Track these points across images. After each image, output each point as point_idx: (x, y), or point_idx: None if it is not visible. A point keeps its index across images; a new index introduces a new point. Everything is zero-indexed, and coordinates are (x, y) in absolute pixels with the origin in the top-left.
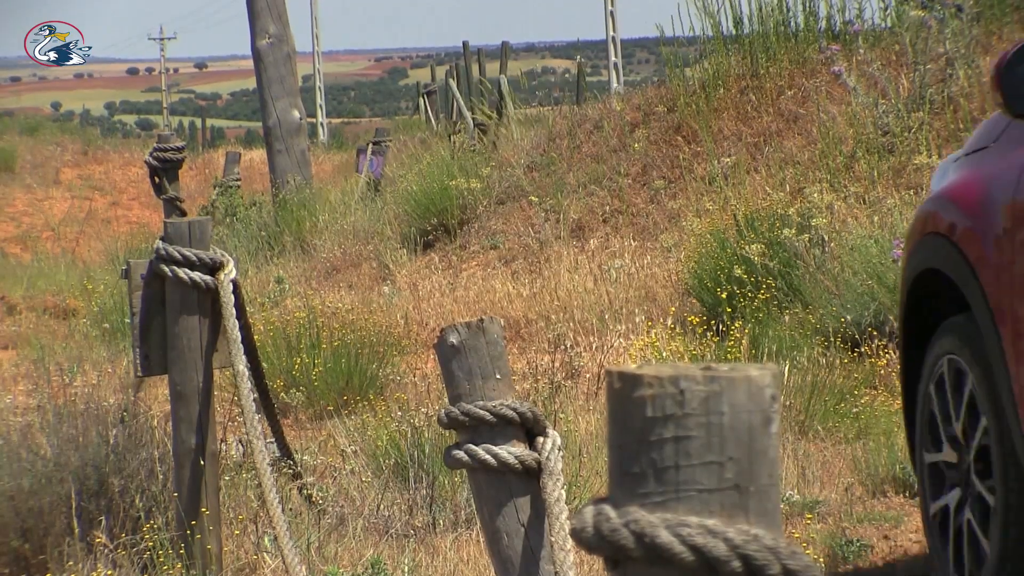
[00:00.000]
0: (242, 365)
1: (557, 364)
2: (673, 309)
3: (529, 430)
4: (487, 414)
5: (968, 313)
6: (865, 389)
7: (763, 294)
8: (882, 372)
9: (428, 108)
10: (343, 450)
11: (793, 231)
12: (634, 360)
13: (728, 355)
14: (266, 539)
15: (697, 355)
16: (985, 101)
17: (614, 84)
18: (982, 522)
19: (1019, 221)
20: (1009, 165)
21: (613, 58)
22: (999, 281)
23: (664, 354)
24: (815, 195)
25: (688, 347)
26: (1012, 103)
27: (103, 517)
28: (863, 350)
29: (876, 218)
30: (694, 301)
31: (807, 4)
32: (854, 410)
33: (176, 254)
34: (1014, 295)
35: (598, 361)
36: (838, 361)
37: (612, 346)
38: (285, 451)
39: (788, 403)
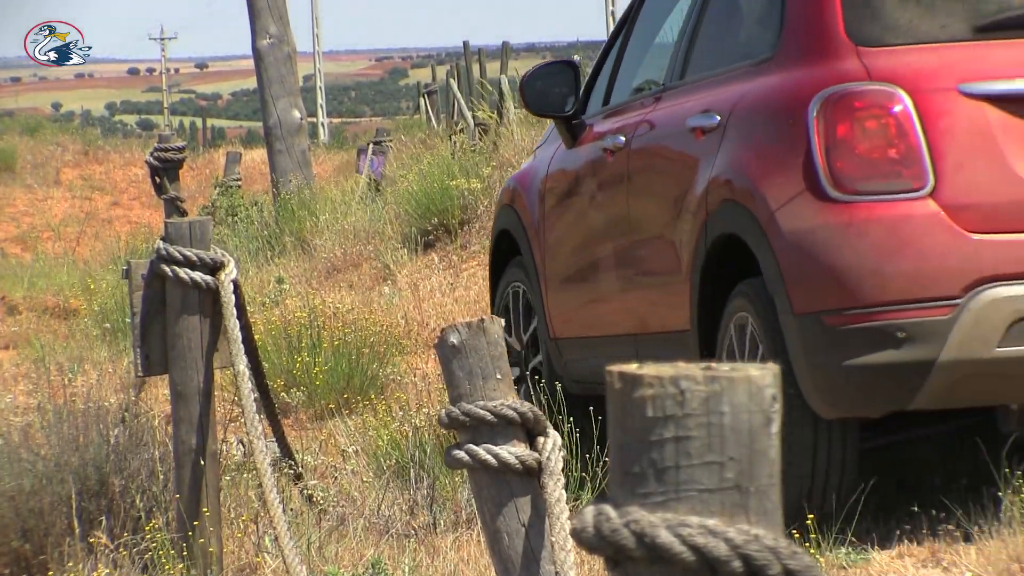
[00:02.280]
0: (243, 365)
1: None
2: None
3: (530, 430)
4: (488, 414)
5: (521, 256)
6: None
7: None
8: None
9: (429, 108)
10: (344, 450)
11: None
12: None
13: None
14: (267, 539)
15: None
16: None
17: None
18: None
19: (546, 194)
20: (546, 155)
21: None
22: (537, 235)
23: None
24: None
25: None
26: (532, 108)
27: (103, 517)
28: None
29: None
30: None
31: None
32: None
33: (177, 254)
34: (544, 244)
35: None
36: None
37: None
38: (286, 451)
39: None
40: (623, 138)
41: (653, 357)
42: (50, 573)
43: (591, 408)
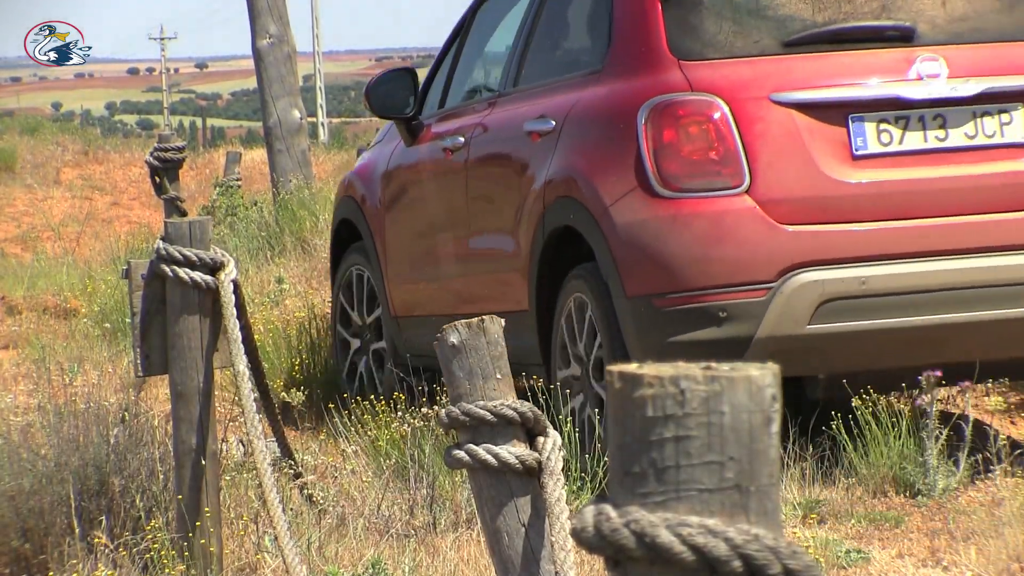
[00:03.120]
0: (242, 365)
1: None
2: None
3: (529, 430)
4: (488, 414)
5: (362, 241)
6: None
7: None
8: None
9: None
10: (343, 450)
11: None
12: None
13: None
14: (267, 539)
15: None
16: None
17: None
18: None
19: (387, 187)
20: (385, 151)
21: None
22: (378, 223)
23: None
24: None
25: None
26: (376, 111)
27: (104, 517)
28: None
29: None
30: None
31: None
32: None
33: (177, 254)
34: (385, 231)
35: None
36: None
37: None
38: (286, 451)
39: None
40: (462, 139)
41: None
42: (50, 573)
43: (423, 374)
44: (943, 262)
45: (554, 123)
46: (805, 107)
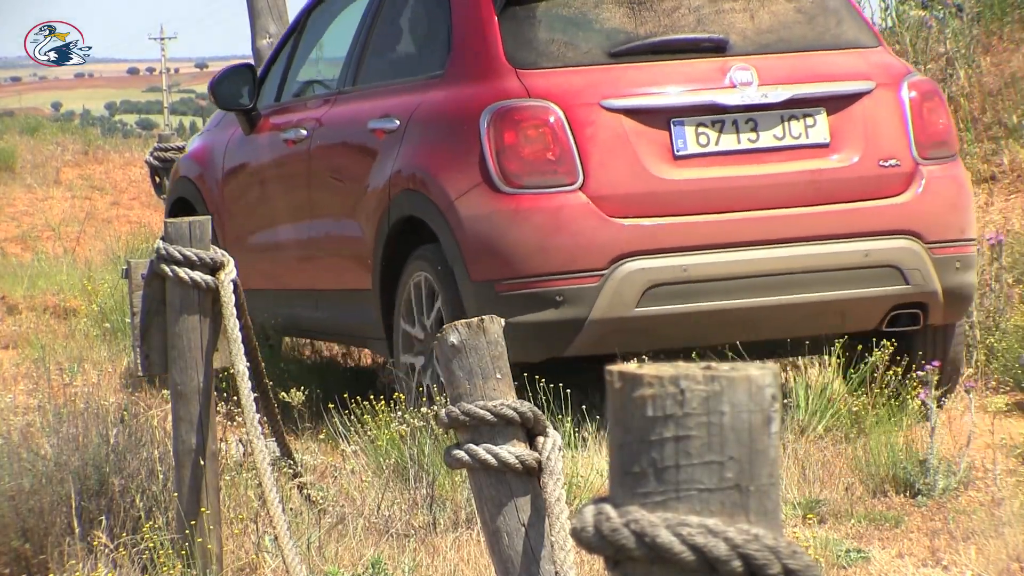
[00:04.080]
0: (242, 365)
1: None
2: None
3: (529, 430)
4: (487, 414)
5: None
6: (865, 388)
7: None
8: (882, 372)
9: None
10: (343, 450)
11: None
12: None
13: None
14: (266, 539)
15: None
16: (985, 100)
17: None
18: None
19: (225, 171)
20: (222, 137)
21: None
22: (214, 200)
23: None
24: None
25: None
26: (220, 104)
27: (103, 517)
28: (862, 349)
29: None
30: None
31: None
32: (854, 410)
33: (176, 254)
34: (224, 210)
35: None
36: (838, 361)
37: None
38: (285, 451)
39: (788, 403)
40: (304, 131)
41: (332, 309)
42: (50, 573)
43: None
44: (755, 251)
45: (398, 122)
46: (631, 112)
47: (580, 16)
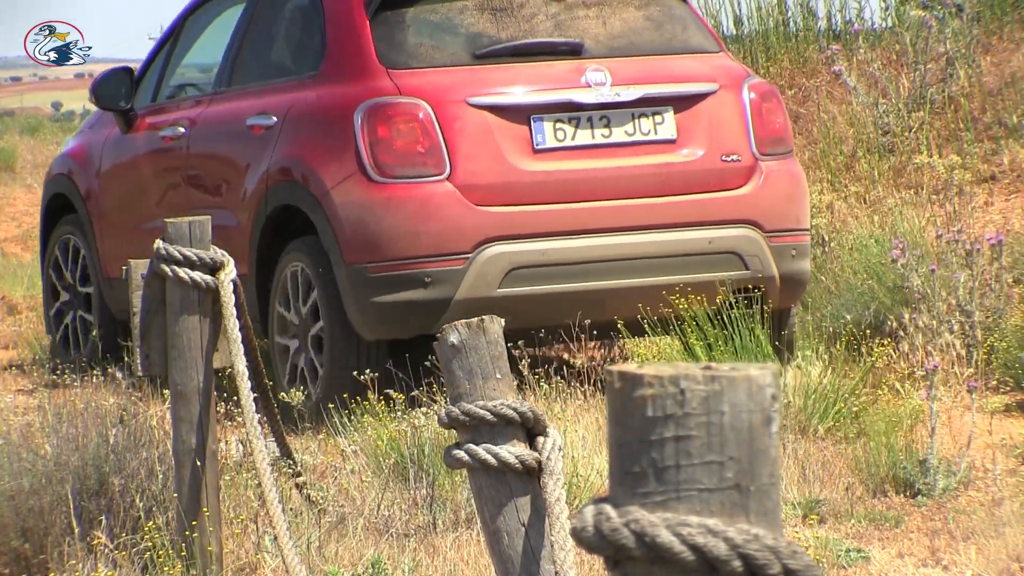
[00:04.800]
0: (242, 365)
1: (556, 364)
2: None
3: (529, 430)
4: (487, 414)
5: (76, 213)
6: (865, 389)
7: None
8: (882, 372)
9: None
10: (343, 450)
11: None
12: (640, 355)
13: (729, 355)
14: (266, 539)
15: (700, 355)
16: (985, 100)
17: None
18: None
19: (102, 167)
20: (99, 136)
21: None
22: (92, 197)
23: (665, 355)
24: (815, 195)
25: (685, 347)
26: (100, 105)
27: (103, 517)
28: (863, 350)
29: (876, 218)
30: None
31: (806, 4)
32: (854, 410)
33: (176, 254)
34: (101, 205)
35: (599, 361)
36: (838, 361)
37: (612, 346)
38: (285, 451)
39: (788, 403)
40: (182, 129)
41: None
42: (50, 573)
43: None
44: (608, 238)
45: (276, 119)
46: (495, 109)
47: (447, 21)
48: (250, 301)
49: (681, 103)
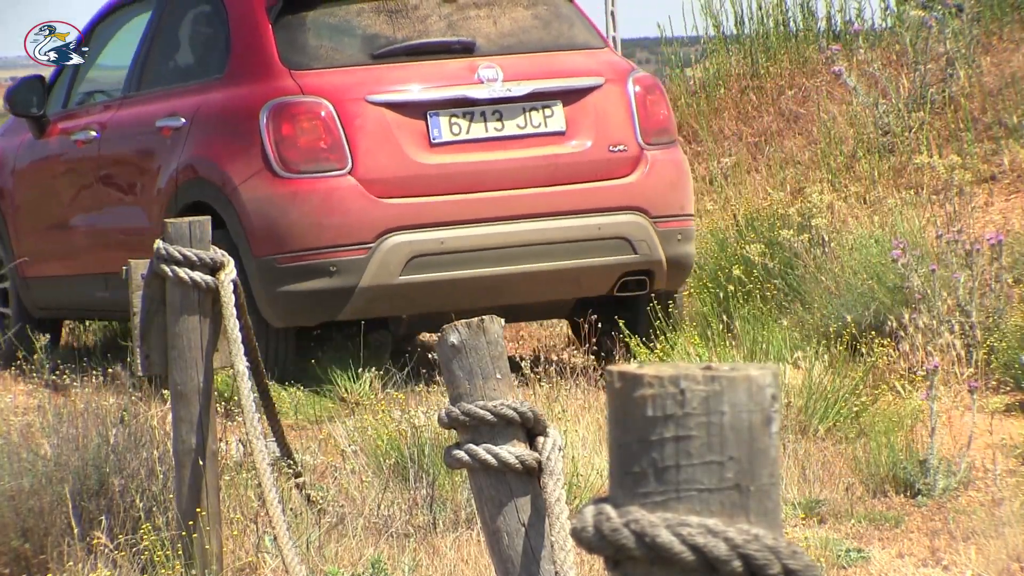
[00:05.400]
0: (242, 365)
1: (556, 364)
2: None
3: (530, 430)
4: (487, 414)
5: None
6: (865, 389)
7: (762, 292)
8: (882, 372)
9: None
10: (343, 450)
11: (793, 231)
12: (639, 356)
13: (729, 355)
14: (266, 539)
15: (699, 355)
16: (985, 100)
17: None
18: None
19: (16, 171)
20: (13, 142)
21: None
22: (9, 201)
23: (665, 355)
24: (815, 195)
25: (686, 346)
26: (14, 111)
27: (103, 517)
28: (863, 350)
29: (877, 218)
30: (695, 301)
31: (806, 4)
32: (854, 410)
33: (177, 254)
34: (16, 207)
35: (598, 361)
36: (838, 361)
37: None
38: (285, 451)
39: (788, 403)
40: (94, 132)
41: (122, 289)
42: (50, 573)
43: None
44: (503, 226)
45: (184, 120)
46: (393, 106)
47: (345, 23)
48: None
49: (569, 97)
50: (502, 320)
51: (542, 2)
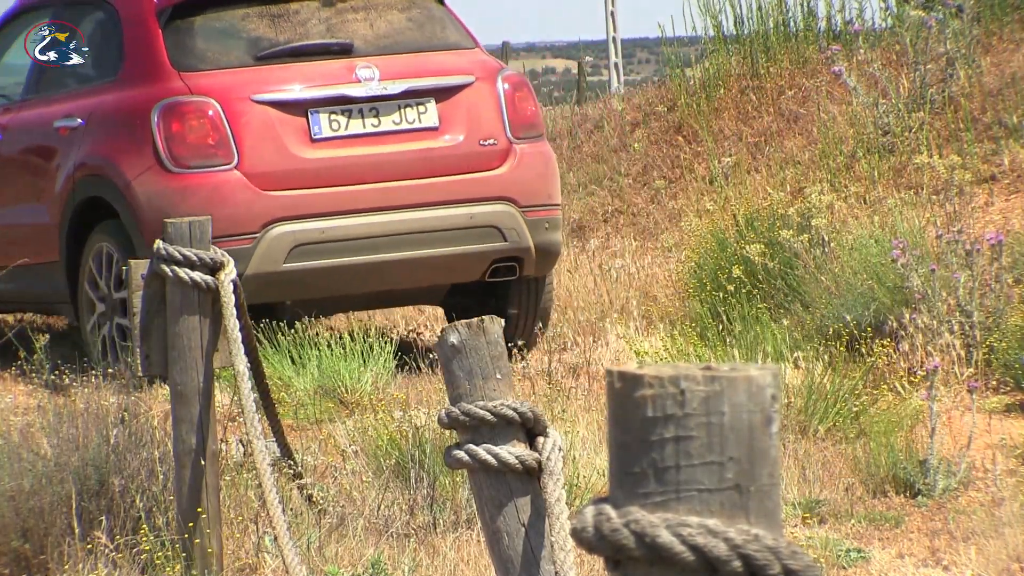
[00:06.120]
0: (242, 365)
1: (556, 364)
2: (672, 309)
3: (529, 430)
4: (487, 414)
5: None
6: (865, 389)
7: (762, 292)
8: (882, 372)
9: None
10: (343, 450)
11: (793, 231)
12: (638, 356)
13: (728, 355)
14: (266, 539)
15: (699, 355)
16: (985, 100)
17: (614, 84)
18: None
19: None
20: None
21: (613, 58)
22: None
23: (664, 355)
24: (815, 195)
25: (686, 347)
26: None
27: (103, 517)
28: (863, 350)
29: (876, 218)
30: (695, 301)
31: (805, 4)
32: (854, 410)
33: (177, 254)
34: None
35: (598, 361)
36: (838, 361)
37: (612, 347)
38: (285, 451)
39: (788, 403)
40: None
41: (23, 281)
42: (50, 573)
43: None
44: (381, 216)
45: (81, 120)
46: (276, 104)
47: (231, 27)
48: (61, 285)
49: (442, 94)
50: (502, 320)
51: (416, 6)
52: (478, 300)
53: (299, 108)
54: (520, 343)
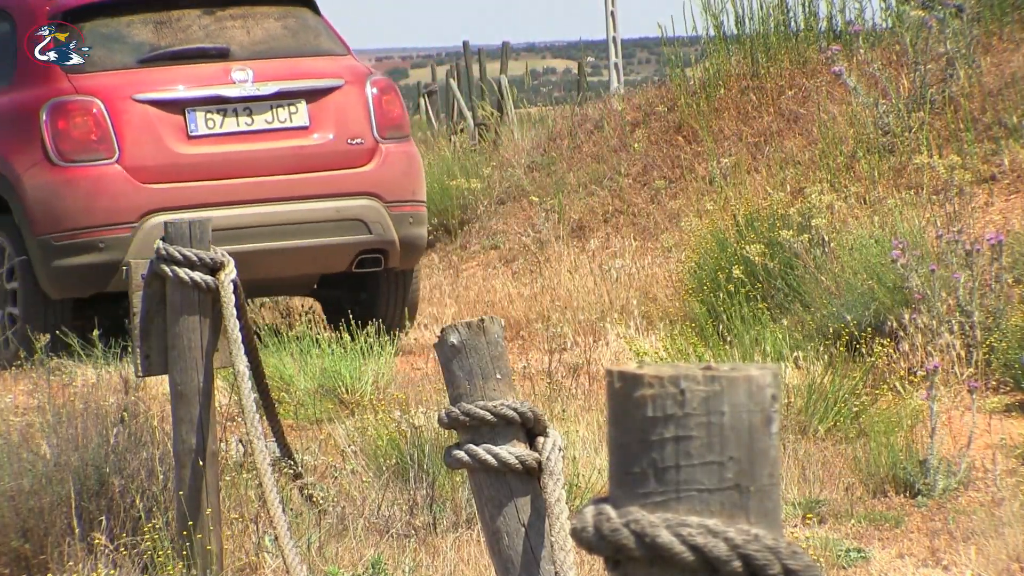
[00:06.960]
0: (242, 365)
1: (556, 364)
2: (672, 309)
3: (530, 430)
4: (488, 414)
5: None
6: (865, 389)
7: (762, 292)
8: (882, 372)
9: (429, 108)
10: (343, 450)
11: (793, 231)
12: (637, 356)
13: (728, 355)
14: (267, 539)
15: (699, 355)
16: (985, 100)
17: (614, 84)
18: None
19: None
20: None
21: (613, 58)
22: None
23: (664, 355)
24: (815, 195)
25: (686, 347)
26: None
27: (103, 517)
28: (863, 350)
29: (877, 218)
30: (694, 301)
31: (807, 4)
32: (854, 410)
33: (177, 254)
34: None
35: (598, 361)
36: (838, 361)
37: (612, 346)
38: (285, 451)
39: (788, 403)
40: None
41: None
42: (50, 573)
43: None
44: (253, 208)
45: None
46: (156, 103)
47: (117, 33)
48: None
49: (312, 96)
50: (502, 321)
51: (291, 15)
52: (349, 292)
53: (177, 107)
54: (393, 333)
